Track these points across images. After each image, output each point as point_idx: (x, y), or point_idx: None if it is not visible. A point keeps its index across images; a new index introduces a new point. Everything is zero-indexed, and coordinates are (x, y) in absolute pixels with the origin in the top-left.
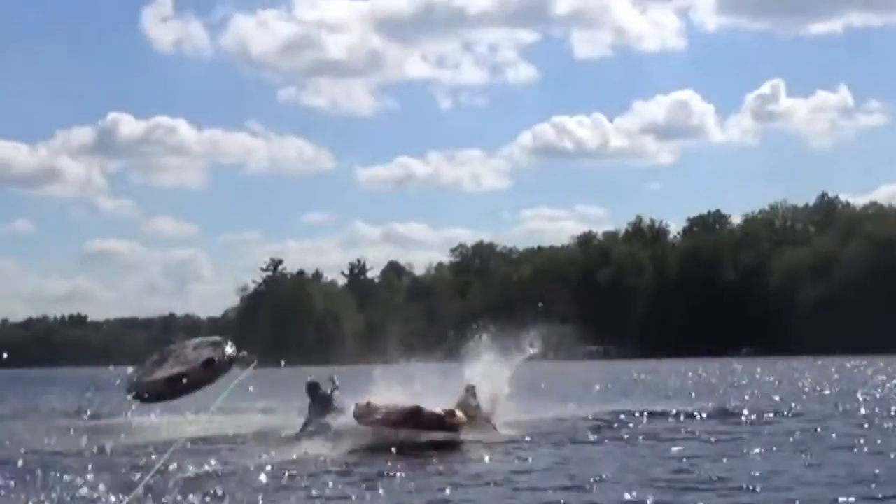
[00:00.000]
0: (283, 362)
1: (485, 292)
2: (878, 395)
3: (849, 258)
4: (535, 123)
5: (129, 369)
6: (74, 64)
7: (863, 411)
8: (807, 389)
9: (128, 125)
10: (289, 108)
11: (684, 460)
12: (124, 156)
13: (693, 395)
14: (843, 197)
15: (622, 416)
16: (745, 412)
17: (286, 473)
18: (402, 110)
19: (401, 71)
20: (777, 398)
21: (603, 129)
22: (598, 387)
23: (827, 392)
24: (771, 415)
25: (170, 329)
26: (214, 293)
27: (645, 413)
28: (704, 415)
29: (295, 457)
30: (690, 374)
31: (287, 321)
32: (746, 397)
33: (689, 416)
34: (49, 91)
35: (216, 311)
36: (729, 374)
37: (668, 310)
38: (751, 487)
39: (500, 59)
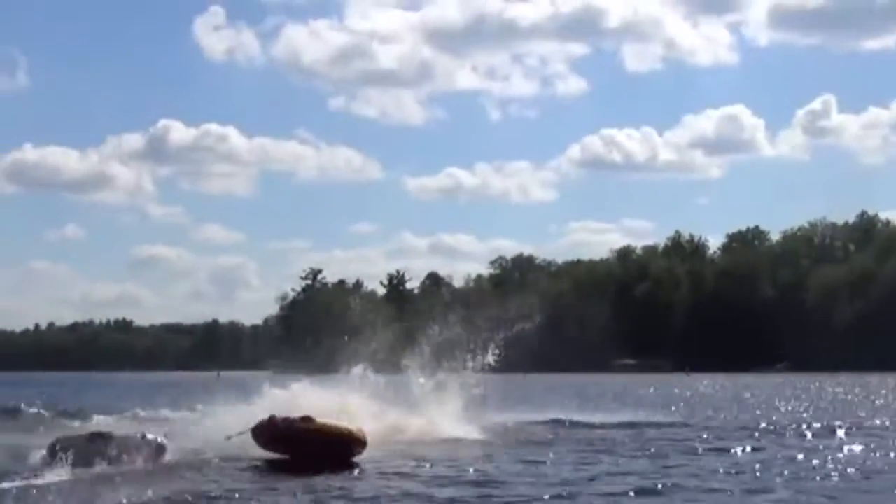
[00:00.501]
0: None
1: (522, 305)
2: (829, 412)
3: (887, 276)
4: (583, 136)
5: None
6: (126, 71)
7: (793, 425)
8: (778, 405)
9: (178, 132)
10: (338, 118)
11: (539, 465)
12: (174, 162)
13: (658, 408)
14: (882, 215)
15: (551, 424)
16: (669, 423)
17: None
18: (451, 121)
19: (451, 82)
20: (732, 414)
21: (652, 142)
22: (575, 398)
23: (786, 409)
24: (693, 428)
25: (213, 335)
26: (259, 301)
27: (599, 424)
28: (624, 426)
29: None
30: (699, 388)
31: (323, 330)
32: (692, 410)
33: (614, 426)
34: (100, 97)
35: (260, 319)
36: (729, 390)
37: (704, 325)
38: (563, 485)
39: (550, 72)
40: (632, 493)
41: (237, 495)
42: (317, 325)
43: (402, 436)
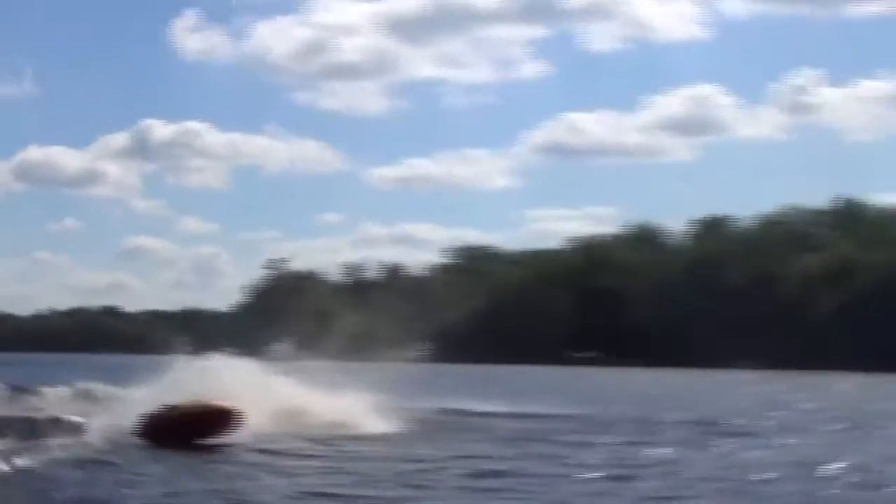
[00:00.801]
0: None
1: (480, 295)
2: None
3: (870, 265)
4: (547, 121)
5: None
6: (112, 74)
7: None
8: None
9: (159, 129)
10: (305, 111)
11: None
12: (157, 158)
13: (568, 401)
14: (869, 198)
15: (450, 413)
16: (562, 415)
17: None
18: (412, 110)
19: (411, 71)
20: (634, 410)
21: (619, 125)
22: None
23: (706, 407)
24: (579, 420)
25: (192, 321)
26: (234, 288)
27: (495, 413)
28: (517, 416)
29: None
30: (637, 383)
31: (281, 318)
32: (601, 405)
33: (507, 417)
34: (95, 99)
35: (230, 307)
36: (678, 387)
37: (668, 317)
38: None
39: (511, 56)
40: (466, 473)
41: (116, 460)
42: (274, 313)
43: (303, 418)
